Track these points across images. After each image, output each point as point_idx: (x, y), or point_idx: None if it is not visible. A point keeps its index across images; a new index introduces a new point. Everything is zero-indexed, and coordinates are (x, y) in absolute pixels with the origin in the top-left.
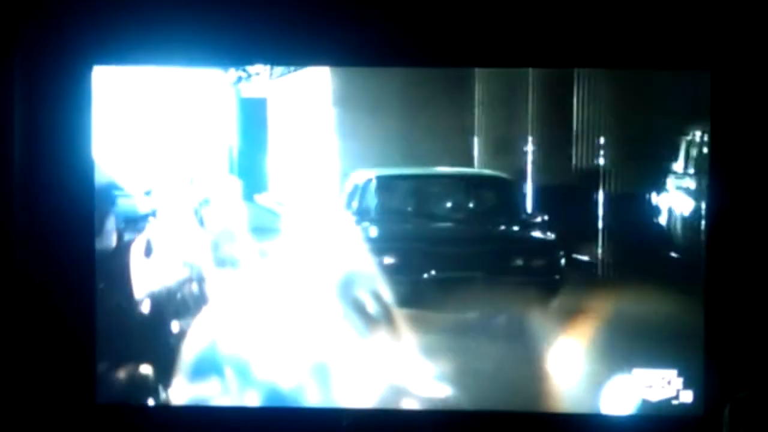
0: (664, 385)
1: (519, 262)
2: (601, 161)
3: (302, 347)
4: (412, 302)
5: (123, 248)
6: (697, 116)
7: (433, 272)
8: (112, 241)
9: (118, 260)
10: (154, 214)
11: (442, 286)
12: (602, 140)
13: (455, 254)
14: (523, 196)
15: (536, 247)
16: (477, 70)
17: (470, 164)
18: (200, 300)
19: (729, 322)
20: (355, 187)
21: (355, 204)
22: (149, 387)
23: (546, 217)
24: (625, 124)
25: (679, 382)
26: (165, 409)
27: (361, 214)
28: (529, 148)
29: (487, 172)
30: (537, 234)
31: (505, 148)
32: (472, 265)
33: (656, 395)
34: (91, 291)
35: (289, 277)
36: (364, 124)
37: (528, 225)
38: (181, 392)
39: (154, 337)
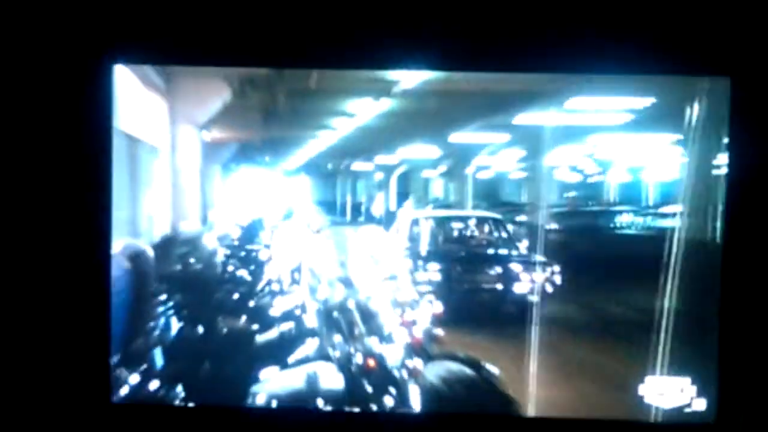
0: (677, 392)
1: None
2: None
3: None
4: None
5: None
6: None
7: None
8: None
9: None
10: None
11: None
12: None
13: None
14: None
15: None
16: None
17: None
18: (213, 304)
19: (743, 331)
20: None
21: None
22: (164, 387)
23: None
24: None
25: (692, 390)
26: (179, 409)
27: (411, 240)
28: None
29: (486, 213)
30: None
31: None
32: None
33: (669, 403)
34: (106, 289)
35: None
36: None
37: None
38: (195, 392)
39: (169, 339)
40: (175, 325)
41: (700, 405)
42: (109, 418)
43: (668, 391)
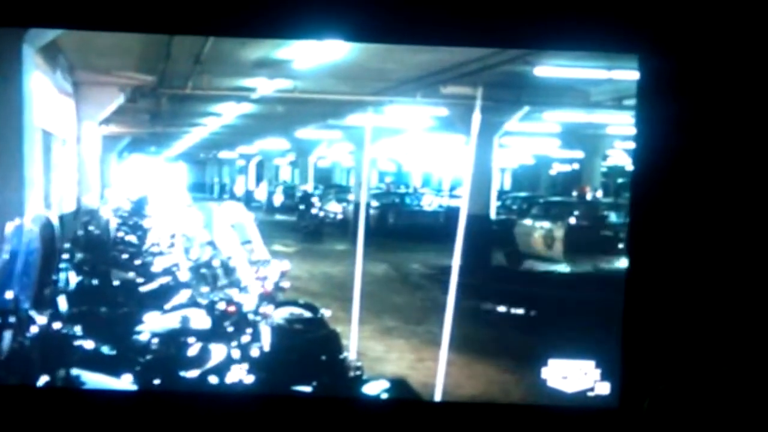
0: (580, 376)
1: None
2: None
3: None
4: None
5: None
6: None
7: None
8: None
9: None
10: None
11: None
12: None
13: None
14: None
15: None
16: None
17: None
18: (108, 261)
19: (647, 315)
20: None
21: None
22: (66, 327)
23: None
24: None
25: (596, 373)
26: (43, 391)
27: None
28: None
29: None
30: None
31: None
32: None
33: (572, 386)
34: None
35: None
36: None
37: None
38: (92, 331)
39: (72, 288)
40: (77, 277)
41: (604, 389)
42: None
43: (572, 374)
